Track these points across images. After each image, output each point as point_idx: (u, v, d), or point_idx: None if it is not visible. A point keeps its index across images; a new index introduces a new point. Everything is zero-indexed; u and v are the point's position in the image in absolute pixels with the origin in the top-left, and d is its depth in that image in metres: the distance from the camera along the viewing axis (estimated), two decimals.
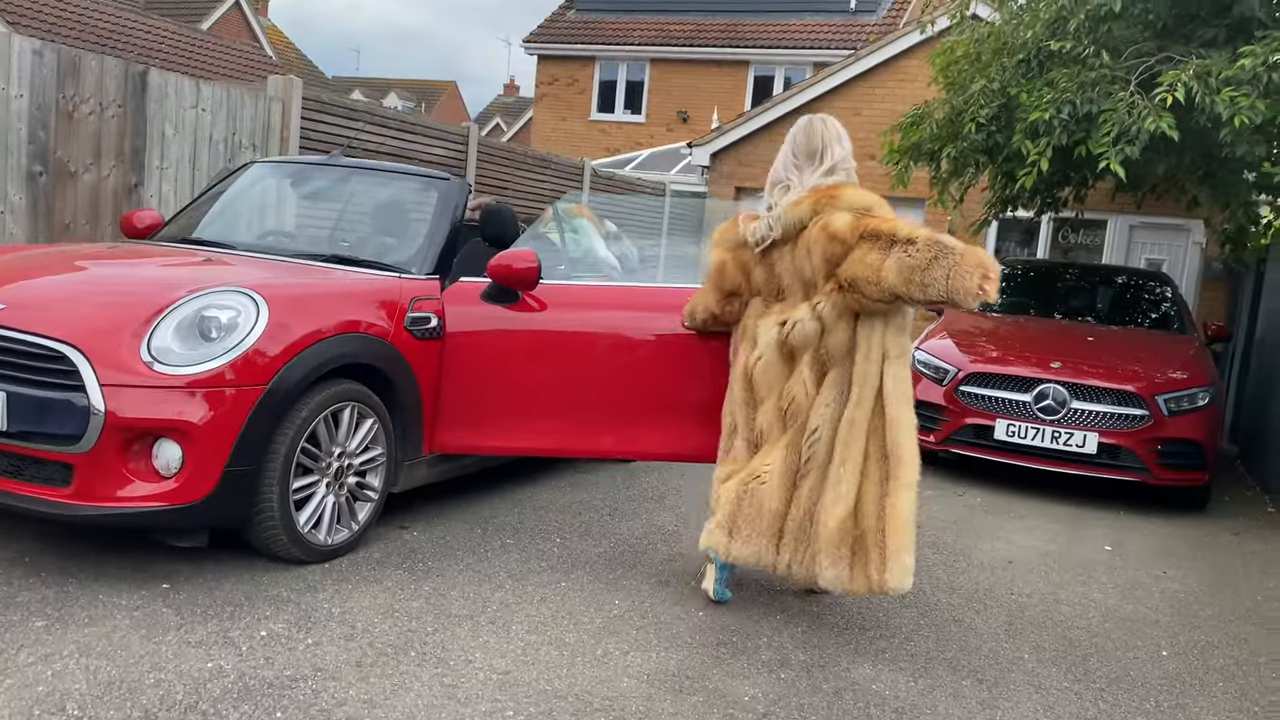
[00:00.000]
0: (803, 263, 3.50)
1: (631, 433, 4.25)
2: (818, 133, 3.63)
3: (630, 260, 6.13)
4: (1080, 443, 6.15)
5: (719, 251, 3.77)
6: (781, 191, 3.60)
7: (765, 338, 3.59)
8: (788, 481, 3.48)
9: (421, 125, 8.11)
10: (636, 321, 4.28)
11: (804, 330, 3.47)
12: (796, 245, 3.51)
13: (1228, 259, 10.62)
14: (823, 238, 3.39)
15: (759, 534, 3.50)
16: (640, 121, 22.14)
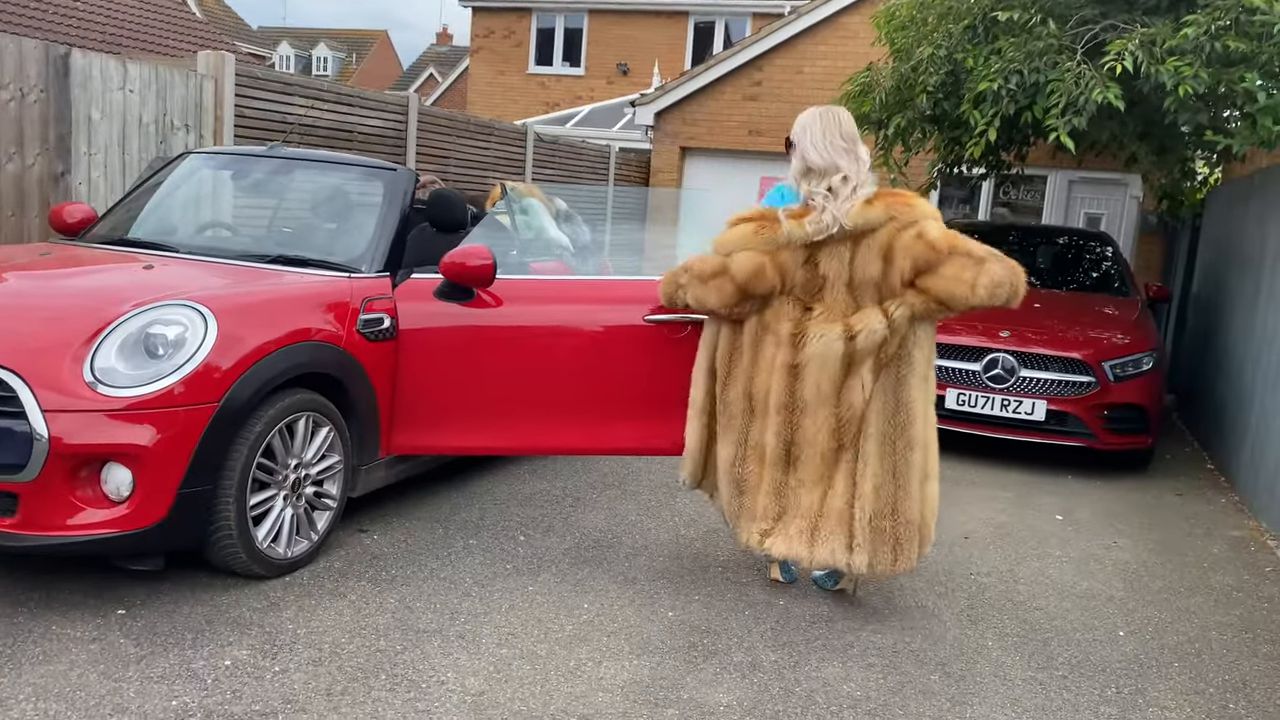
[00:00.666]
0: (869, 265, 3.43)
1: (597, 428, 4.20)
2: (851, 120, 3.67)
3: (582, 238, 6.05)
4: (1029, 410, 6.25)
5: (753, 255, 3.52)
6: (842, 182, 3.47)
7: (822, 345, 3.47)
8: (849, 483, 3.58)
9: (359, 97, 7.87)
10: (597, 315, 4.21)
11: (875, 338, 3.43)
12: (859, 246, 3.44)
13: (1163, 214, 10.84)
14: (918, 246, 3.37)
15: (835, 533, 3.57)
16: (579, 74, 21.80)
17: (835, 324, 3.46)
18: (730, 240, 3.60)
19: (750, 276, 3.52)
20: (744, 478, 3.72)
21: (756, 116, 12.57)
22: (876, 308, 3.45)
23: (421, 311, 4.12)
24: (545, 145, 10.68)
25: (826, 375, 3.48)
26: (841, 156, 3.52)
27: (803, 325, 3.51)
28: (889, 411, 3.52)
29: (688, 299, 3.76)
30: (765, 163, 12.69)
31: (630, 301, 4.23)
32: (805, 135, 3.61)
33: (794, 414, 3.57)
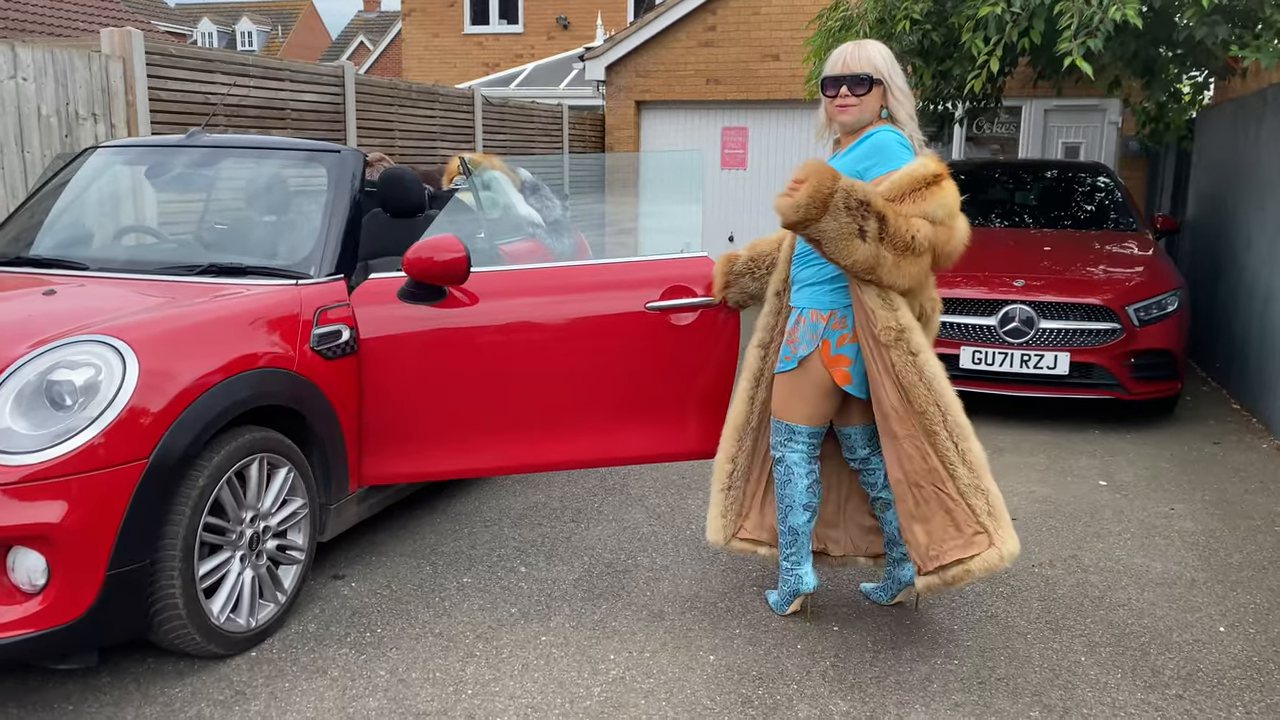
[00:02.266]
0: None
1: (602, 436, 3.64)
2: None
3: (553, 212, 5.42)
4: (1051, 364, 5.77)
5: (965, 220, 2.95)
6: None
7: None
8: None
9: (289, 70, 7.12)
10: (591, 305, 3.62)
11: None
12: None
13: (1145, 139, 10.40)
14: None
15: None
16: (518, 32, 20.91)
17: None
18: (951, 200, 2.83)
19: (962, 248, 2.90)
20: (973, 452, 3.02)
21: (713, 64, 11.90)
22: None
23: (385, 317, 3.51)
24: (494, 109, 9.97)
25: None
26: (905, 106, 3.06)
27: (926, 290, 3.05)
28: None
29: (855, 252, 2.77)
30: (726, 112, 12.06)
31: (627, 287, 3.65)
32: (898, 73, 3.02)
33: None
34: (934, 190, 2.79)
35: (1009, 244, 6.69)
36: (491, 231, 4.92)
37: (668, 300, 3.61)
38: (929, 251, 2.79)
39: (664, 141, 12.23)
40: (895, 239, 2.74)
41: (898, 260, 2.76)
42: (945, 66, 6.65)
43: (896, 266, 2.77)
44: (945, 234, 2.79)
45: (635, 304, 3.61)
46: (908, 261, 2.77)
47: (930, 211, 2.75)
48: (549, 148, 11.19)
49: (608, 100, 12.36)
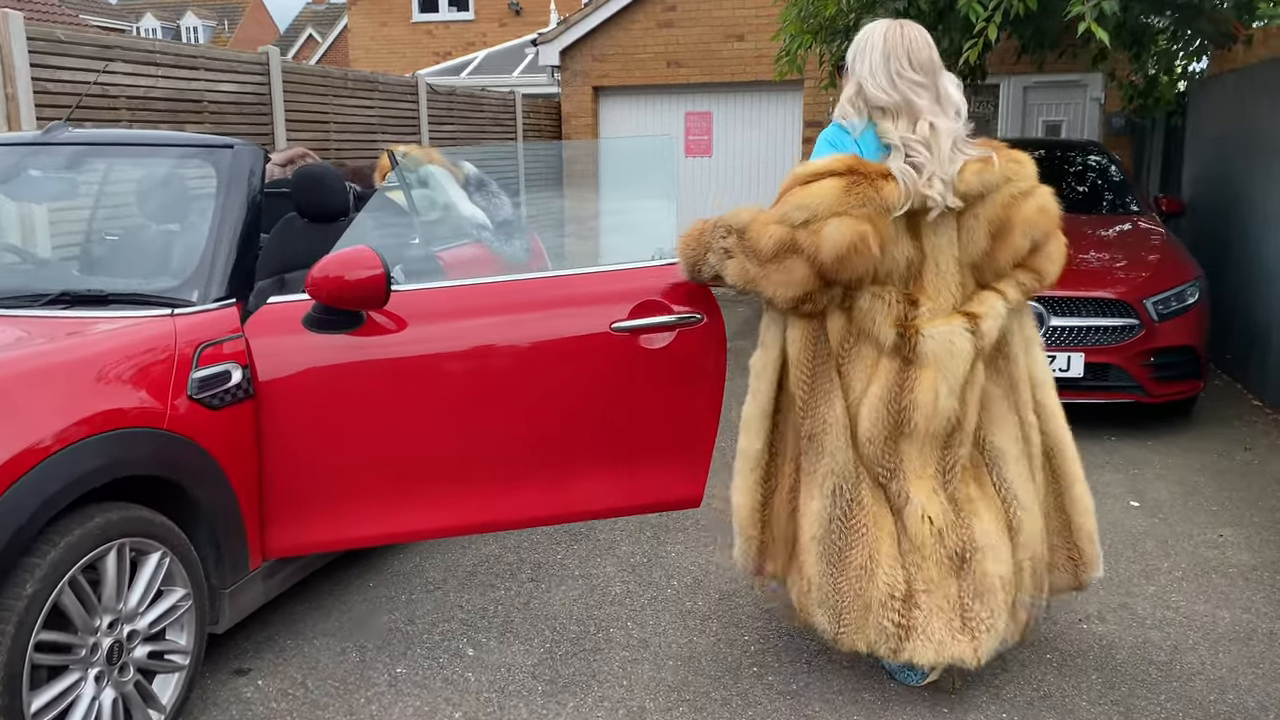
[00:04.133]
0: (976, 240, 2.59)
1: (562, 487, 2.99)
2: (930, 43, 2.67)
3: (501, 211, 4.73)
4: (1064, 366, 5.18)
5: (850, 222, 2.46)
6: (931, 131, 2.54)
7: (946, 344, 2.54)
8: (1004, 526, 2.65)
9: (203, 56, 6.36)
10: (545, 326, 2.96)
11: (995, 331, 2.60)
12: (965, 216, 2.57)
13: (1130, 114, 9.88)
14: (1043, 220, 2.65)
15: (999, 611, 2.57)
16: (469, 19, 20.13)
17: (952, 316, 2.57)
18: (811, 200, 2.49)
19: (845, 254, 2.46)
20: (848, 549, 2.60)
21: (674, 46, 11.23)
22: (986, 289, 2.63)
23: (288, 351, 2.82)
24: (440, 98, 9.24)
25: (955, 378, 2.55)
26: (916, 93, 2.57)
27: (912, 323, 2.57)
28: (1006, 426, 2.70)
29: (727, 274, 2.66)
30: (688, 97, 11.40)
31: (588, 304, 3.00)
32: (863, 60, 2.63)
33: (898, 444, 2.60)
34: (796, 190, 2.53)
35: None
36: (428, 236, 4.23)
37: (638, 319, 2.95)
38: (796, 255, 2.50)
39: (623, 129, 11.55)
40: (750, 247, 2.58)
41: (763, 269, 2.56)
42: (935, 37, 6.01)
43: (766, 277, 2.56)
44: (808, 237, 2.47)
45: (599, 324, 2.95)
46: (775, 270, 2.54)
47: (786, 214, 2.51)
48: (501, 138, 10.48)
49: (563, 87, 11.65)
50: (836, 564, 2.58)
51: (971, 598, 2.53)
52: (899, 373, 2.54)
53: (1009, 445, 2.66)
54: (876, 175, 2.48)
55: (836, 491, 2.59)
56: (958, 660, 2.52)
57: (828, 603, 2.59)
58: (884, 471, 2.58)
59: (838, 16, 6.15)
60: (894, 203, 2.46)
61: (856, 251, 2.44)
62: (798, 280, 2.51)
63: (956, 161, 2.51)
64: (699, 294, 3.01)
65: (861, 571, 2.55)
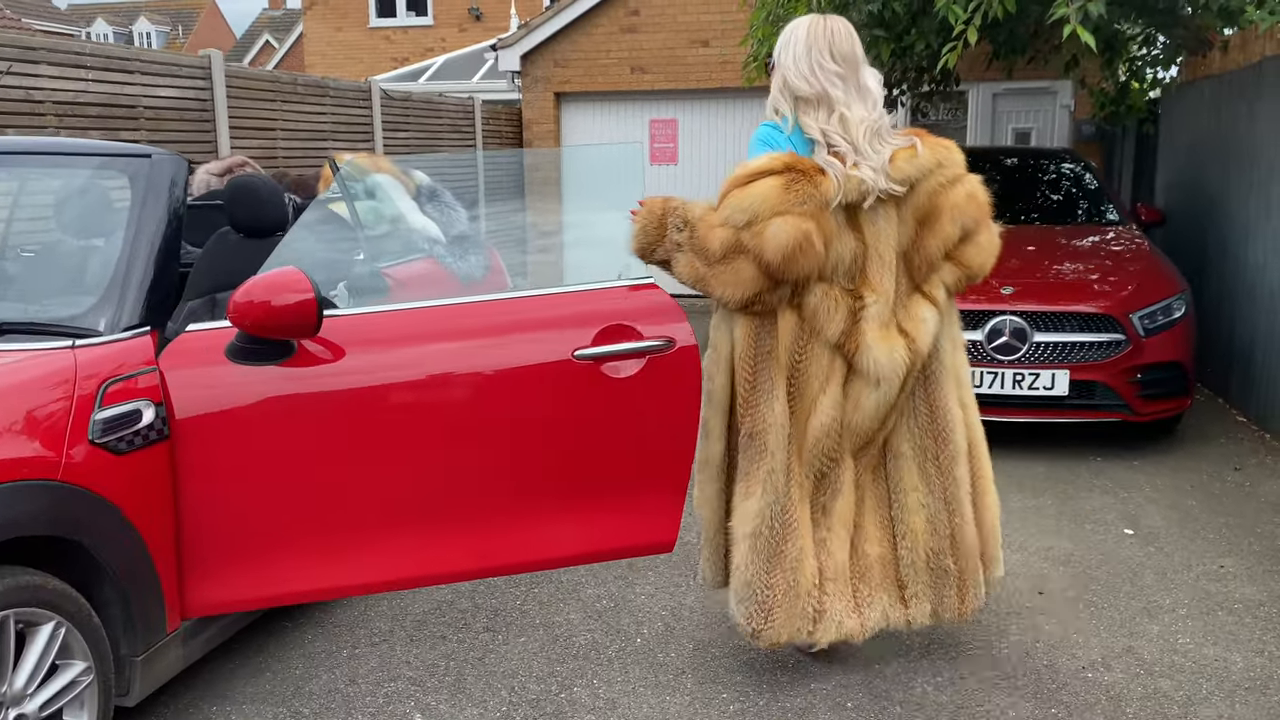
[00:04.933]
0: (904, 231, 2.62)
1: (523, 533, 2.70)
2: (853, 37, 2.68)
3: (456, 224, 4.43)
4: (1049, 384, 4.96)
5: (794, 221, 2.47)
6: (840, 121, 2.56)
7: (890, 354, 2.60)
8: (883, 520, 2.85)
9: (139, 59, 5.99)
10: (499, 353, 2.67)
11: (931, 336, 2.68)
12: (889, 207, 2.58)
13: (1100, 121, 9.76)
14: (971, 207, 2.65)
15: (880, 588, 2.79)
16: (428, 24, 19.78)
17: (893, 333, 2.62)
18: (751, 202, 2.50)
19: (791, 254, 2.48)
20: (783, 543, 2.66)
21: (638, 51, 10.96)
22: (916, 293, 2.67)
23: (209, 385, 2.51)
24: (395, 104, 8.89)
25: (890, 395, 2.64)
26: (834, 83, 2.59)
27: (858, 324, 2.60)
28: (922, 422, 2.77)
29: (677, 269, 2.67)
30: (653, 104, 11.14)
31: (547, 328, 2.71)
32: (788, 50, 2.66)
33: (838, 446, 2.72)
34: (736, 192, 2.53)
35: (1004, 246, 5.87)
36: (375, 251, 3.93)
37: (603, 346, 2.67)
38: (742, 256, 2.51)
39: (586, 136, 11.26)
40: (699, 247, 2.58)
41: (712, 270, 2.57)
42: (909, 41, 5.80)
43: (716, 277, 2.57)
44: (752, 239, 2.48)
45: (559, 351, 2.66)
46: (724, 271, 2.55)
47: (728, 216, 2.52)
48: (460, 146, 10.15)
49: (524, 93, 11.34)
50: (772, 559, 2.64)
51: (858, 578, 2.74)
52: (848, 373, 2.64)
53: (905, 446, 2.75)
54: (813, 171, 2.49)
55: (776, 490, 2.63)
56: (849, 636, 2.72)
57: (756, 599, 2.65)
58: (827, 462, 2.68)
59: None
60: (831, 197, 2.47)
61: (801, 250, 2.46)
62: (746, 281, 2.52)
63: (884, 150, 2.52)
64: (670, 316, 2.73)
65: (796, 564, 2.64)
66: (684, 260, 2.61)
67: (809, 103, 2.58)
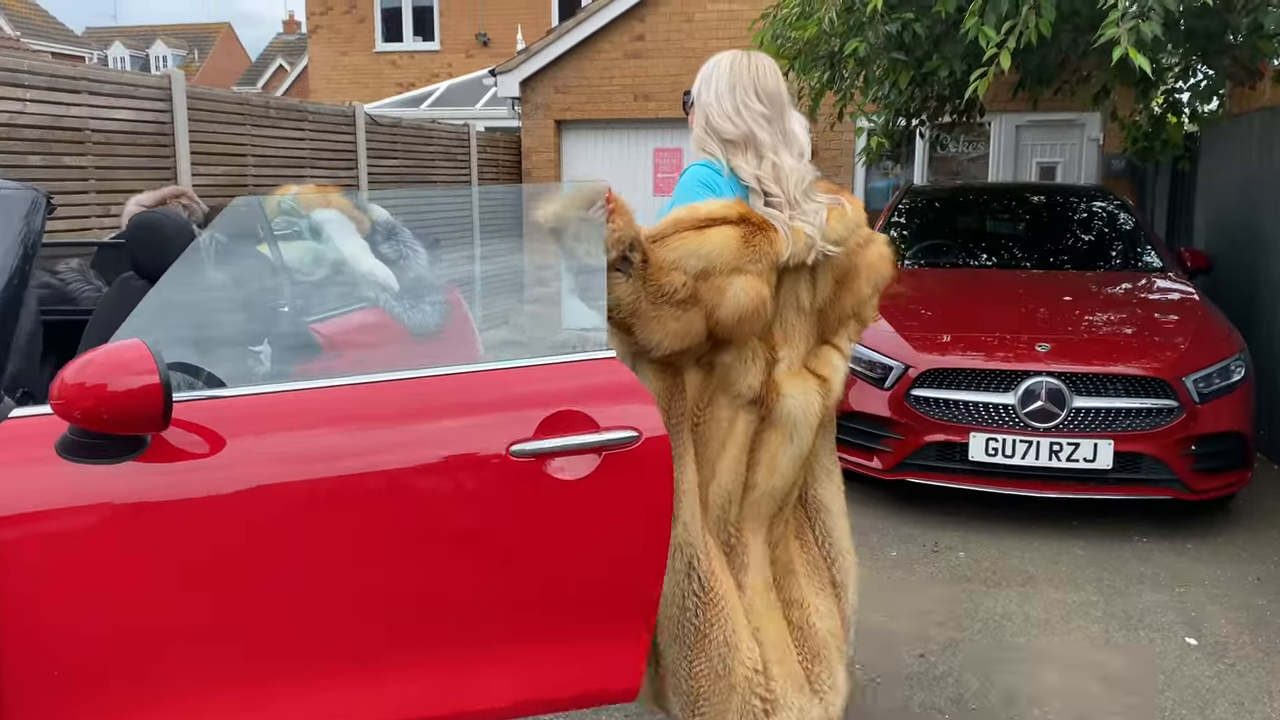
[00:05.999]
0: (822, 289, 2.43)
1: (440, 680, 2.10)
2: (778, 76, 2.44)
3: (413, 267, 3.86)
4: (1090, 455, 4.35)
5: (755, 283, 2.20)
6: (773, 170, 2.31)
7: (802, 404, 2.38)
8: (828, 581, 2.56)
9: (87, 78, 5.48)
10: (420, 446, 2.09)
11: (842, 382, 2.49)
12: (821, 266, 2.38)
13: (1133, 156, 9.19)
14: (884, 267, 2.52)
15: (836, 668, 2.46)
16: (435, 49, 19.37)
17: (806, 377, 2.41)
18: (709, 251, 2.18)
19: (747, 317, 2.22)
20: (704, 624, 2.30)
21: (642, 78, 10.47)
22: (825, 345, 2.48)
23: (31, 488, 1.93)
24: (382, 129, 8.39)
25: (804, 445, 2.41)
26: (760, 125, 2.34)
27: (774, 376, 2.36)
28: (832, 480, 2.60)
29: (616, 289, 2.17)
30: (657, 132, 10.63)
31: (482, 412, 2.14)
32: (709, 87, 2.42)
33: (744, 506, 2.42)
34: (690, 236, 2.19)
35: (1015, 292, 5.29)
36: (309, 301, 3.38)
37: (548, 438, 2.09)
38: (696, 307, 2.20)
39: (588, 165, 10.74)
40: (652, 281, 2.18)
41: (658, 311, 2.21)
42: (931, 66, 5.24)
43: (659, 320, 2.22)
44: (709, 292, 2.19)
45: (492, 444, 2.08)
46: (671, 318, 2.20)
47: (680, 260, 2.18)
48: (453, 175, 9.64)
49: (524, 120, 10.85)
50: (695, 645, 2.31)
51: (810, 659, 2.41)
52: (754, 432, 2.37)
53: (833, 500, 2.57)
54: (765, 226, 2.23)
55: (692, 564, 2.29)
56: None
57: (681, 689, 2.32)
58: (732, 533, 2.41)
59: (819, 40, 5.35)
60: (783, 256, 2.23)
61: (756, 313, 2.24)
62: (692, 334, 2.21)
63: (819, 208, 2.29)
64: (634, 397, 2.16)
65: (725, 649, 2.31)
66: (629, 287, 2.19)
67: (735, 145, 2.33)
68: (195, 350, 2.38)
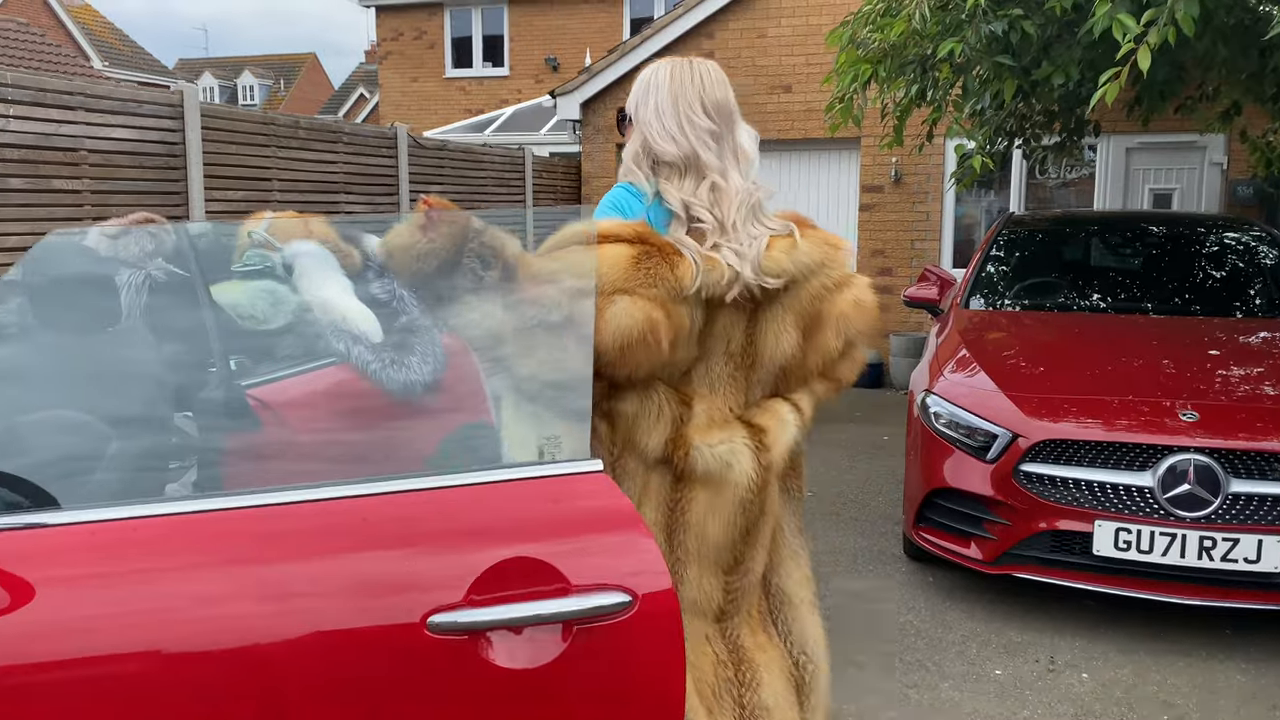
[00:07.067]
0: (782, 338, 2.05)
1: None
2: (726, 84, 2.14)
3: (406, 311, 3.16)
4: (1252, 554, 3.44)
5: (641, 305, 1.86)
6: (712, 191, 2.00)
7: (726, 460, 1.98)
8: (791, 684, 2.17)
9: (84, 93, 4.96)
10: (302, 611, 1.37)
11: (790, 440, 2.08)
12: (768, 307, 2.02)
13: (1263, 182, 8.17)
14: (858, 317, 2.09)
15: None
16: (504, 75, 19.00)
17: (732, 426, 2.03)
18: (601, 269, 1.87)
19: (631, 343, 1.85)
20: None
21: None
22: (780, 399, 2.11)
23: None
24: (426, 153, 7.80)
25: (724, 517, 2.00)
26: (706, 144, 2.04)
27: (683, 431, 1.98)
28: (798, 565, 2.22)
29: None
30: None
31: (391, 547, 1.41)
32: (646, 103, 2.09)
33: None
34: (578, 251, 1.92)
35: (1144, 342, 4.38)
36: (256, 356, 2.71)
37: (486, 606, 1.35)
38: None
39: None
40: None
41: None
42: (1042, 73, 4.38)
43: None
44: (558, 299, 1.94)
45: (402, 612, 1.35)
46: None
47: (556, 273, 1.90)
48: (506, 201, 9.03)
49: (584, 143, 10.21)
50: None
51: None
52: (671, 491, 2.04)
53: (798, 589, 2.23)
54: (670, 250, 1.97)
55: None
56: None
57: None
58: None
59: (909, 42, 4.53)
60: (688, 284, 1.93)
61: (644, 342, 1.91)
62: None
63: (759, 235, 2.03)
64: (626, 531, 1.42)
65: None
66: (479, 307, 2.06)
67: (674, 168, 2.05)
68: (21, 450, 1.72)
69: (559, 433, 1.62)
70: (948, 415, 3.98)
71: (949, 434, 3.95)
